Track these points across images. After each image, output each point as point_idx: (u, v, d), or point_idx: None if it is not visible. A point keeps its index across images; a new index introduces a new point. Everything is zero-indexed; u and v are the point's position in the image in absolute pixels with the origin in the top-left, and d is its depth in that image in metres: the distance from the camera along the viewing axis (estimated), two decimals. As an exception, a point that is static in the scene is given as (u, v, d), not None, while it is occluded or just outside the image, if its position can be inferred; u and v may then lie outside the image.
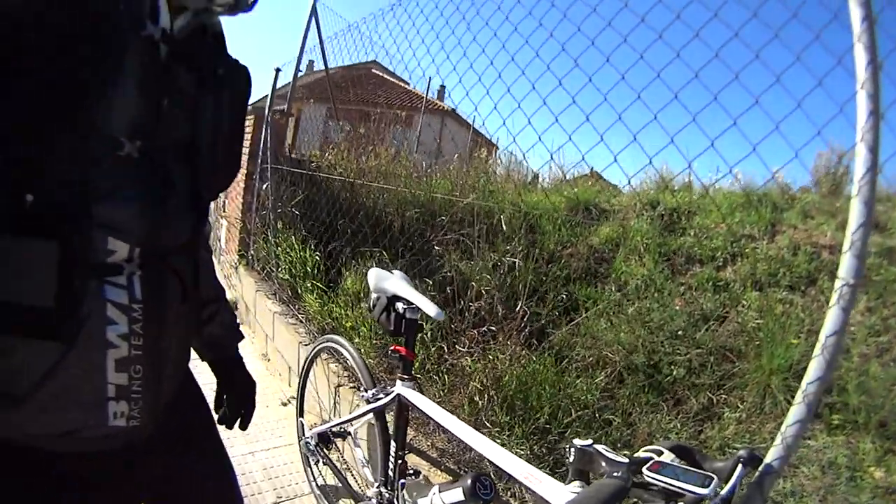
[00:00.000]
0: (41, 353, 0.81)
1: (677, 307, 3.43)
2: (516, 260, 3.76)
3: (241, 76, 1.14)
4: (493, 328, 3.29)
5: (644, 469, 1.14)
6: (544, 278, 3.84)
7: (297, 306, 4.64)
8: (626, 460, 1.21)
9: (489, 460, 1.54)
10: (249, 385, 1.44)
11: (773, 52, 1.84)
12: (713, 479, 1.06)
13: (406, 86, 15.15)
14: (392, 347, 2.19)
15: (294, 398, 4.08)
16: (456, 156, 6.63)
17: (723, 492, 1.04)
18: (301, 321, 4.41)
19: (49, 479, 0.89)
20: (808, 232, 3.86)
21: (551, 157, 3.73)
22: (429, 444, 2.91)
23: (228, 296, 5.60)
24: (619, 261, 4.08)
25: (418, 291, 2.13)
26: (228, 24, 1.12)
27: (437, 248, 4.23)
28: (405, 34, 4.16)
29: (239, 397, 1.42)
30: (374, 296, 2.29)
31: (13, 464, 0.85)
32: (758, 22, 1.86)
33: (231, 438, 1.66)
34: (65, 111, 0.77)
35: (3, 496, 0.85)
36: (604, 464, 1.24)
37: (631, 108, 2.35)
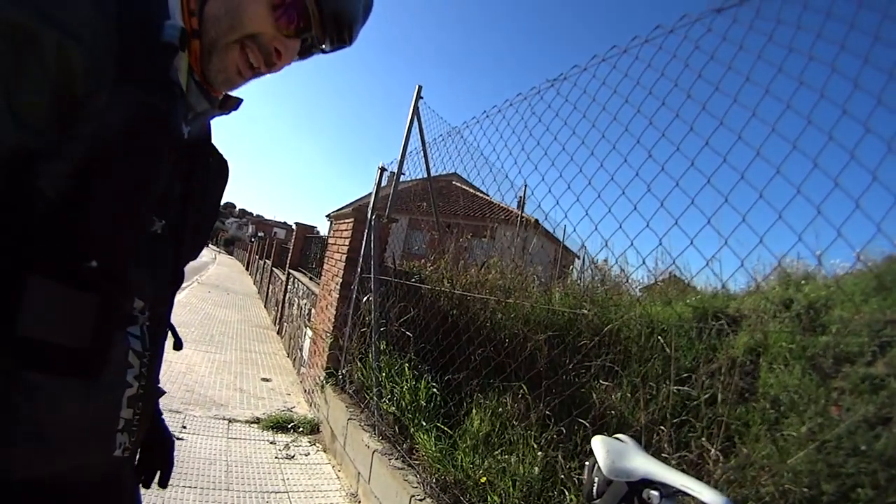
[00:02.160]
0: (72, 391, 0.88)
1: (835, 415, 3.03)
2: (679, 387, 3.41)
3: (223, 167, 1.27)
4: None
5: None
6: (687, 402, 3.40)
7: (404, 446, 3.86)
8: None
9: None
10: (169, 441, 1.39)
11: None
12: None
13: (487, 197, 15.08)
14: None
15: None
16: (571, 268, 6.30)
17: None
18: (412, 466, 3.62)
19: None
20: (949, 303, 3.48)
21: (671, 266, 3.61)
22: None
23: (309, 415, 4.99)
24: (764, 372, 3.69)
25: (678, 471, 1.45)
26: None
27: (576, 377, 3.75)
28: (504, 141, 4.01)
29: (160, 453, 1.36)
30: (599, 477, 1.57)
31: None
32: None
33: None
34: (134, 201, 0.92)
35: None
36: None
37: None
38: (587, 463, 1.66)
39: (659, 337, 3.79)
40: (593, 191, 2.88)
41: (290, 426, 5.41)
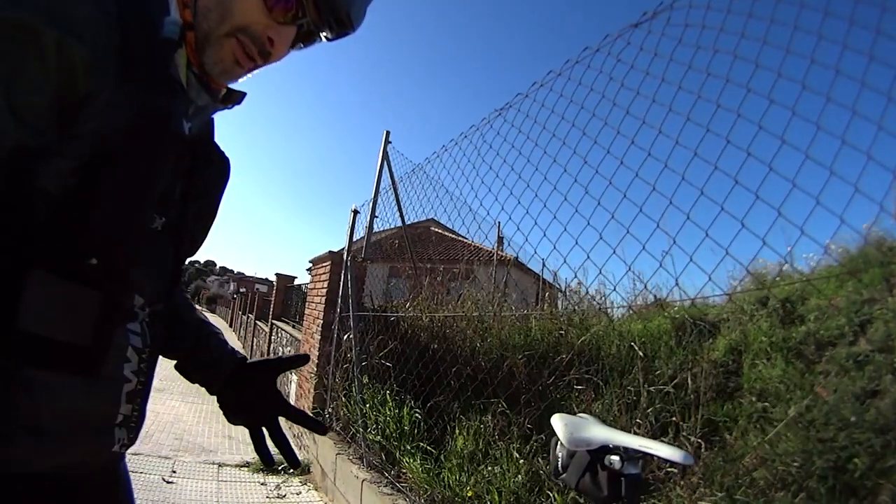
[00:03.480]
0: (73, 387, 0.89)
1: (823, 396, 3.13)
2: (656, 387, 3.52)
3: (225, 164, 1.26)
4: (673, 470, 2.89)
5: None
6: (672, 406, 3.44)
7: (392, 472, 3.93)
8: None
9: None
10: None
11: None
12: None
13: (465, 240, 15.16)
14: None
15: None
16: (547, 294, 6.46)
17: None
18: (400, 490, 3.68)
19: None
20: (922, 273, 3.58)
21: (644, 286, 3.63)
22: None
23: (300, 457, 4.97)
24: (746, 368, 3.79)
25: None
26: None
27: (556, 393, 3.86)
28: (461, 170, 4.09)
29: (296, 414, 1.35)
30: (563, 452, 1.68)
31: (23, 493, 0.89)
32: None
33: None
34: (137, 200, 0.92)
35: None
36: None
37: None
38: (551, 442, 1.78)
39: (632, 344, 3.90)
40: (557, 217, 2.98)
41: (280, 468, 5.38)
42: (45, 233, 0.82)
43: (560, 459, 1.68)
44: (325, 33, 1.13)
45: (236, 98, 1.19)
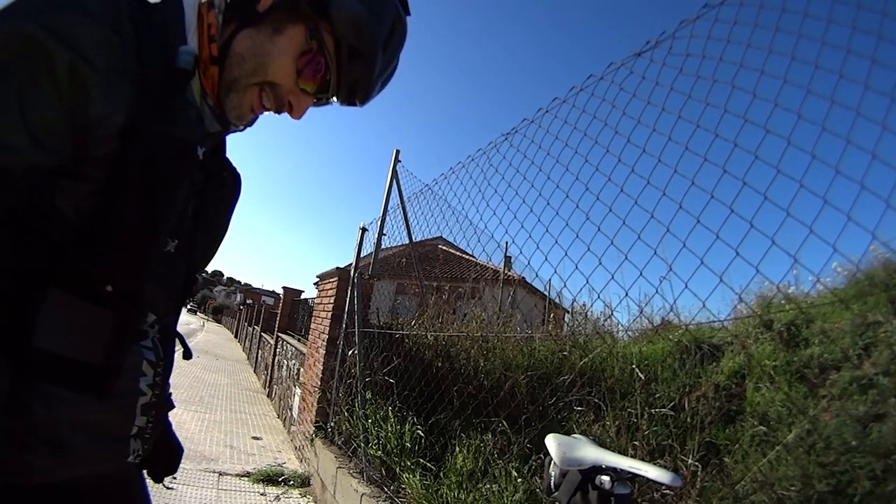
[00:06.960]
0: (89, 401, 0.92)
1: (827, 420, 3.07)
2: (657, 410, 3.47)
3: (236, 181, 1.31)
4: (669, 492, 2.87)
5: None
6: (671, 429, 3.41)
7: (392, 487, 3.96)
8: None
9: None
10: (179, 450, 1.36)
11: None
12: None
13: (472, 258, 15.20)
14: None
15: None
16: (552, 315, 6.48)
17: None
18: (400, 506, 3.73)
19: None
20: (928, 295, 3.54)
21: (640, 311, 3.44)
22: None
23: (300, 470, 5.06)
24: (750, 391, 3.76)
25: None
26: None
27: (556, 413, 3.86)
28: (467, 192, 4.09)
29: (169, 459, 1.34)
30: (555, 471, 1.74)
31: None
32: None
33: None
34: (152, 228, 0.95)
35: None
36: None
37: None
38: (545, 461, 1.83)
39: (634, 367, 3.90)
40: (559, 241, 2.93)
41: (280, 479, 5.45)
42: (61, 253, 0.85)
43: (553, 478, 1.74)
44: (335, 100, 1.22)
45: (250, 120, 1.23)
